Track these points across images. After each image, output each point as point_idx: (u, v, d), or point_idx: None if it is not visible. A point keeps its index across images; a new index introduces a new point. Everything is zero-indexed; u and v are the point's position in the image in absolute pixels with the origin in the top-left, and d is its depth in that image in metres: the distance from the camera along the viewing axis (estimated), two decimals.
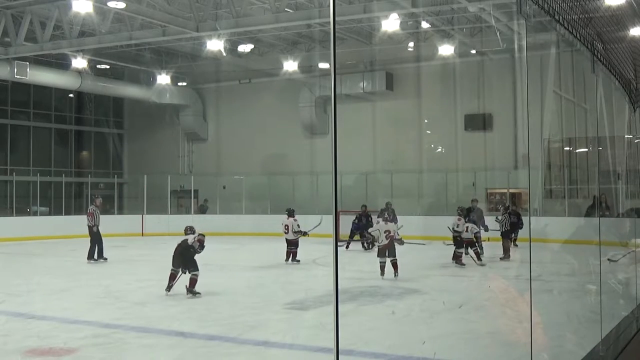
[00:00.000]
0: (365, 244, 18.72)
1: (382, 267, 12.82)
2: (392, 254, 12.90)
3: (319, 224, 15.46)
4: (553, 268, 14.09)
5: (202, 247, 10.96)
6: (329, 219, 15.28)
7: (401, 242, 13.32)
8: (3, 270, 15.66)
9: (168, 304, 10.38)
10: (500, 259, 15.52)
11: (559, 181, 23.11)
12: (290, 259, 15.58)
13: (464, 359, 7.20)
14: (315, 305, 10.11)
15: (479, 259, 14.73)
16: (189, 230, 11.17)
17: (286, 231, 15.60)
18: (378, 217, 20.91)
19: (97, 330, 8.20)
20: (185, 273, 10.79)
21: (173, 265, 10.92)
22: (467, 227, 14.56)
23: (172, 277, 10.86)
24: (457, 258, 14.62)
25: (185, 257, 10.84)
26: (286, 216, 15.88)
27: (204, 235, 11.00)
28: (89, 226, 16.36)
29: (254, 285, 12.57)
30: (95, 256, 16.28)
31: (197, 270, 10.77)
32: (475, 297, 11.01)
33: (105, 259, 16.39)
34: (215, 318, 9.19)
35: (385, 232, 12.96)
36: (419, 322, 8.96)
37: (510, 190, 23.30)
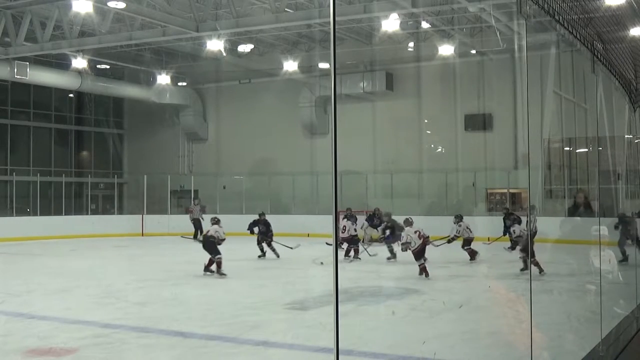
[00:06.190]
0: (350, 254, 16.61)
1: (424, 269, 12.64)
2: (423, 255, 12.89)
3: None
4: (553, 268, 14.09)
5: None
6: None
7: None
8: (3, 270, 15.66)
9: (168, 304, 10.39)
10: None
11: (559, 181, 23.10)
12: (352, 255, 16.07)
13: (464, 359, 7.20)
14: (315, 305, 10.11)
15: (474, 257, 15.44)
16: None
17: (343, 231, 16.10)
18: (365, 221, 20.79)
19: (97, 330, 8.19)
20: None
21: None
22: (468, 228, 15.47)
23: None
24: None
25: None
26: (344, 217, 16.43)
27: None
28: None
29: (254, 285, 12.58)
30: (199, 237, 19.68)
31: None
32: (475, 297, 11.01)
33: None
34: (215, 318, 9.19)
35: (415, 232, 12.84)
36: (419, 322, 8.95)
37: (510, 190, 23.30)
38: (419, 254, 12.81)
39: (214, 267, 13.34)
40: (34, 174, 27.26)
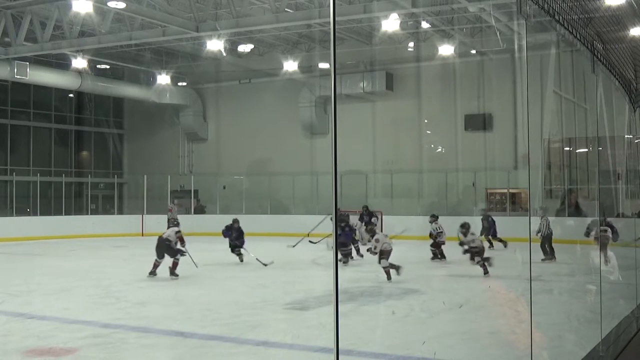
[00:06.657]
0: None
1: (389, 272, 12.60)
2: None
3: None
4: (554, 268, 14.10)
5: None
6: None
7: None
8: (3, 270, 15.66)
9: (168, 304, 10.39)
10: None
11: (559, 181, 23.10)
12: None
13: (464, 359, 7.20)
14: (315, 305, 10.11)
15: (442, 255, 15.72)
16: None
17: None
18: (358, 221, 20.50)
19: (97, 330, 8.20)
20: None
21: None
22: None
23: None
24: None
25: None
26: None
27: None
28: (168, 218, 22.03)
29: (254, 285, 12.57)
30: None
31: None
32: (475, 297, 11.01)
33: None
34: (215, 318, 9.19)
35: (385, 236, 12.78)
36: (419, 322, 8.95)
37: (510, 190, 23.31)
38: (387, 255, 12.72)
39: (158, 270, 13.22)
40: (34, 174, 27.25)
